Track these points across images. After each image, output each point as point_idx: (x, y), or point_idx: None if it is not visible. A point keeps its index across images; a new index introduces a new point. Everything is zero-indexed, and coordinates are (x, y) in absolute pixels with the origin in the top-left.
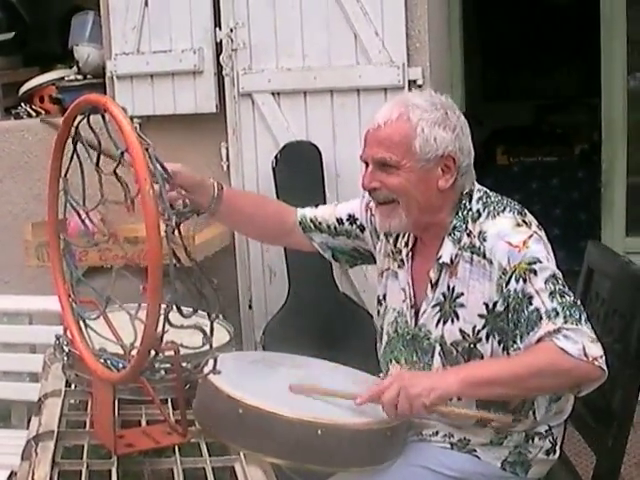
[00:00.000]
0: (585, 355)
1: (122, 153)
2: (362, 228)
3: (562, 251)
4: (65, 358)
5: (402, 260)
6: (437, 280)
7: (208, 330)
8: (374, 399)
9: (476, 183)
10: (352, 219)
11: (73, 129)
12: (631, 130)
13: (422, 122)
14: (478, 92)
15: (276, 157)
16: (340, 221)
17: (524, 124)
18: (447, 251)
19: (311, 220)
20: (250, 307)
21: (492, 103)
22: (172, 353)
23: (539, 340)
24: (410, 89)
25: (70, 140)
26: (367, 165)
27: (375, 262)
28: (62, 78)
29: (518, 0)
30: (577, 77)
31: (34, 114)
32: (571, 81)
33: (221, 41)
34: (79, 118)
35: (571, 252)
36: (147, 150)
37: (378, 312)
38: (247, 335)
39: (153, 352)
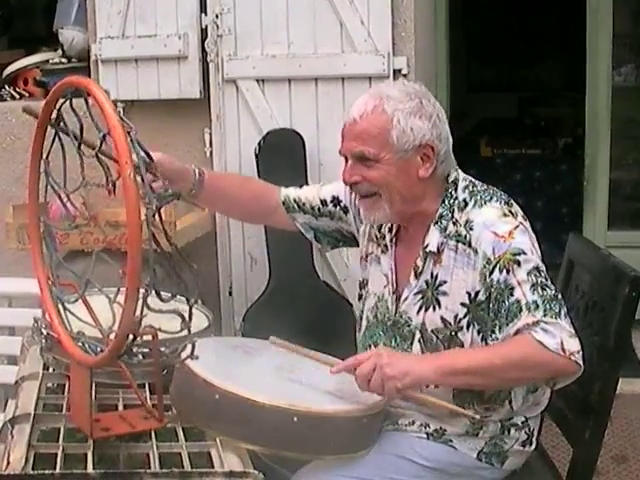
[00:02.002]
0: (562, 349)
1: (104, 136)
2: (346, 210)
3: (544, 244)
4: (43, 341)
5: (386, 245)
6: (422, 268)
7: (187, 315)
8: (349, 369)
9: (461, 172)
10: (336, 201)
11: (55, 112)
12: (615, 125)
13: (398, 113)
14: (462, 84)
15: (259, 144)
16: (324, 202)
17: (508, 116)
18: (434, 239)
19: (295, 200)
20: (230, 294)
21: (476, 95)
22: (150, 337)
23: (517, 332)
24: (395, 78)
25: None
26: (347, 159)
27: (357, 245)
28: (47, 61)
29: None
30: (561, 70)
31: (17, 96)
32: (555, 74)
33: (206, 27)
34: (62, 101)
35: (553, 245)
36: (129, 133)
37: (360, 297)
38: (226, 322)
39: (131, 336)
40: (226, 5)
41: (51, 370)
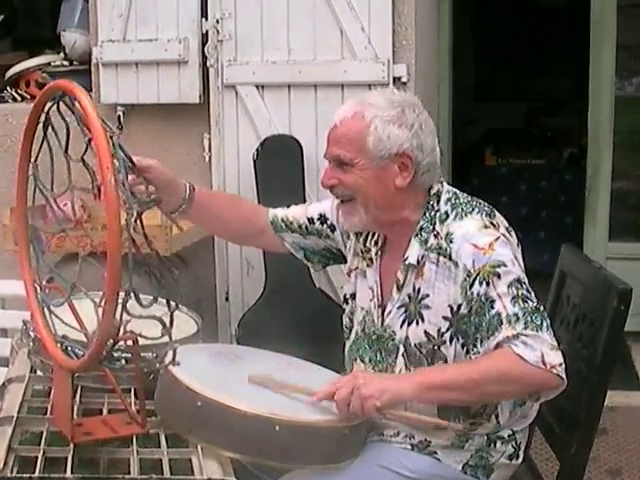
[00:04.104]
0: (543, 363)
1: (89, 140)
2: (332, 228)
3: (547, 254)
4: (31, 344)
5: (371, 259)
6: (403, 281)
7: (175, 320)
8: (328, 396)
9: (446, 185)
10: (323, 219)
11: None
12: (618, 136)
13: (376, 120)
14: (469, 93)
15: (257, 150)
16: (311, 220)
17: (514, 126)
18: (414, 252)
19: (282, 220)
20: (227, 299)
21: (483, 104)
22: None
23: (498, 345)
24: (395, 86)
25: (40, 126)
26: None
27: (347, 262)
28: (49, 63)
29: (511, 2)
30: (568, 80)
31: (19, 98)
32: (562, 84)
33: (207, 32)
34: (49, 104)
35: (556, 255)
36: (111, 138)
37: (344, 311)
38: (223, 327)
39: (111, 341)
40: (227, 10)
41: (39, 373)
